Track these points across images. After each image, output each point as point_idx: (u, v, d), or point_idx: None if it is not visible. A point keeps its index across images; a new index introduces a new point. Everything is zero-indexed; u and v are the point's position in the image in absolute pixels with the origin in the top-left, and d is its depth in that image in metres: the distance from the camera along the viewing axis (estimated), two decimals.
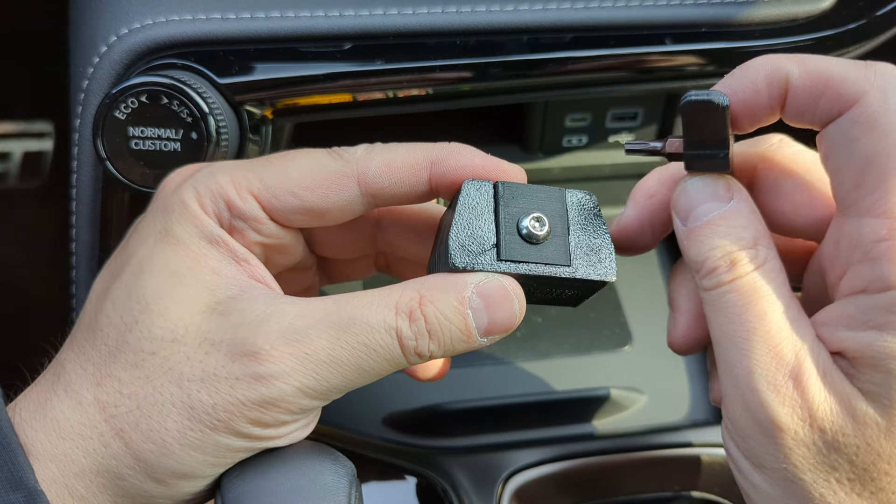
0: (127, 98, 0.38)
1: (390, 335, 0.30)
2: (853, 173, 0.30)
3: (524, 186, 0.34)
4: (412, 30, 0.42)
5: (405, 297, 0.31)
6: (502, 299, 0.32)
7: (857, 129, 0.30)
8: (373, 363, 0.31)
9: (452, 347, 0.32)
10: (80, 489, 0.30)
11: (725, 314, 0.32)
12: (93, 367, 0.31)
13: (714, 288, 0.32)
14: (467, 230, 0.32)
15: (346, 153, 0.34)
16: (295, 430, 0.32)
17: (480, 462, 0.46)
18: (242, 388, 0.30)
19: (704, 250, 0.32)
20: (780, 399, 0.30)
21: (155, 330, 0.31)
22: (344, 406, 0.48)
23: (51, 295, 0.52)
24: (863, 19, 0.45)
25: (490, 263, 0.32)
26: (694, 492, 0.47)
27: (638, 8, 0.43)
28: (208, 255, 0.32)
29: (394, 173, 0.34)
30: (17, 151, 0.60)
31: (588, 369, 0.51)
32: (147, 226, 0.34)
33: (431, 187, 0.34)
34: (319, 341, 0.30)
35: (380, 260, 0.42)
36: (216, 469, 0.31)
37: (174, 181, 0.35)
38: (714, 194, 0.33)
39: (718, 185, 0.33)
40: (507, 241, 0.32)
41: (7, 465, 0.29)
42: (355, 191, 0.33)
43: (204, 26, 0.41)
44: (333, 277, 0.43)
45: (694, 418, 0.50)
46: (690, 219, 0.33)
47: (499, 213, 0.33)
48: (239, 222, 0.33)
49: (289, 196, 0.33)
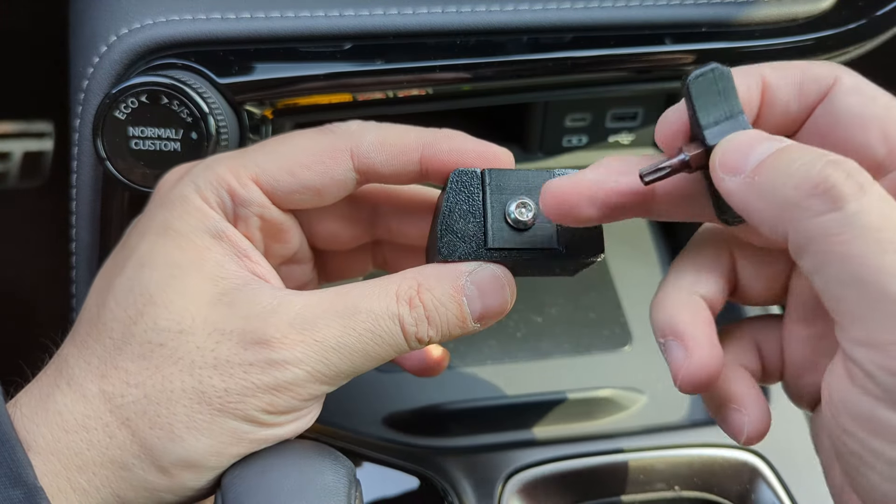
0: (127, 98, 0.38)
1: (394, 322, 0.32)
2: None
3: (511, 172, 0.34)
4: (412, 30, 0.42)
5: (404, 286, 0.32)
6: (494, 287, 0.33)
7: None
8: (378, 349, 0.32)
9: (449, 332, 0.33)
10: (83, 483, 0.30)
11: (863, 243, 0.24)
12: (97, 361, 0.31)
13: (839, 209, 0.24)
14: (455, 220, 0.33)
15: (339, 128, 0.35)
16: (300, 419, 0.33)
17: (480, 462, 0.46)
18: (257, 373, 0.30)
19: (796, 174, 0.25)
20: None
21: (161, 322, 0.31)
22: (344, 406, 0.48)
23: (51, 294, 0.52)
24: (863, 19, 0.45)
25: (478, 253, 0.33)
26: (694, 492, 0.47)
27: (638, 8, 0.43)
28: (211, 248, 0.33)
29: (386, 150, 0.35)
30: (17, 151, 0.60)
31: (588, 369, 0.51)
32: (146, 222, 0.34)
33: (422, 169, 0.35)
34: (328, 329, 0.31)
35: (377, 256, 0.43)
36: (220, 460, 0.31)
37: (171, 179, 0.36)
38: (761, 138, 0.28)
39: (759, 133, 0.28)
40: (494, 228, 0.33)
41: (6, 461, 0.29)
42: (349, 164, 0.34)
43: (204, 26, 0.41)
44: (331, 275, 0.43)
45: (694, 418, 0.50)
46: (752, 159, 0.27)
47: (486, 202, 0.33)
48: (242, 209, 0.34)
49: (287, 176, 0.34)
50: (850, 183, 0.24)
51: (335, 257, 0.42)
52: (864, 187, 0.24)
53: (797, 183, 0.25)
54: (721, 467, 0.47)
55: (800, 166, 0.25)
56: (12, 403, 0.32)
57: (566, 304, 0.54)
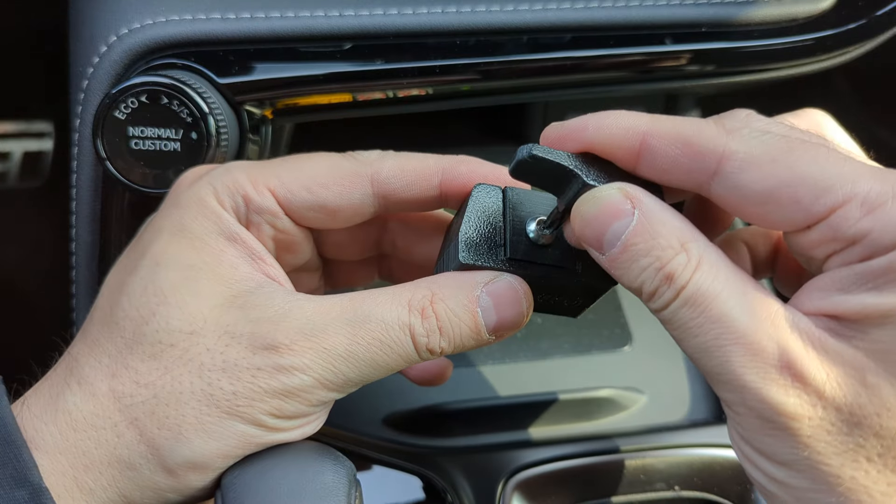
0: (127, 98, 0.38)
1: (404, 332, 0.31)
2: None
3: (531, 192, 0.35)
4: (412, 30, 0.42)
5: (417, 295, 0.32)
6: (511, 298, 0.33)
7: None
8: (387, 358, 0.32)
9: (462, 344, 0.33)
10: (89, 482, 0.30)
11: (687, 330, 0.29)
12: (108, 360, 0.31)
13: (664, 308, 0.29)
14: (476, 229, 0.33)
15: (360, 156, 0.36)
16: (307, 425, 0.33)
17: (480, 462, 0.46)
18: (265, 378, 0.31)
19: (635, 276, 0.30)
20: (782, 391, 0.28)
21: (173, 322, 0.31)
22: (344, 406, 0.48)
23: (51, 294, 0.52)
24: (863, 19, 0.45)
25: (497, 262, 0.33)
26: (694, 492, 0.47)
27: (638, 8, 0.43)
28: (225, 250, 0.33)
29: (406, 175, 0.35)
30: (17, 151, 0.60)
31: (588, 369, 0.51)
32: (161, 222, 0.34)
33: (441, 192, 0.35)
34: (337, 337, 0.31)
35: (383, 267, 0.43)
36: (226, 461, 0.31)
37: (188, 180, 0.36)
38: (614, 212, 0.30)
39: (613, 199, 0.30)
40: (514, 241, 0.33)
41: (12, 461, 0.29)
42: (368, 190, 0.35)
43: (204, 26, 0.41)
44: (337, 282, 0.43)
45: (694, 418, 0.50)
46: (605, 248, 0.30)
47: (506, 216, 0.34)
48: (255, 216, 0.34)
49: (304, 192, 0.34)
50: (670, 292, 0.29)
51: (342, 266, 0.42)
52: (673, 282, 0.29)
53: (637, 286, 0.30)
54: (721, 467, 0.47)
55: (644, 267, 0.29)
56: (20, 402, 0.32)
57: None
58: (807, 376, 0.27)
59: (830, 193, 0.28)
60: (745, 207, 0.29)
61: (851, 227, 0.27)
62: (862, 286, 0.27)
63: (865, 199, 0.27)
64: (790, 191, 0.28)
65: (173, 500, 0.32)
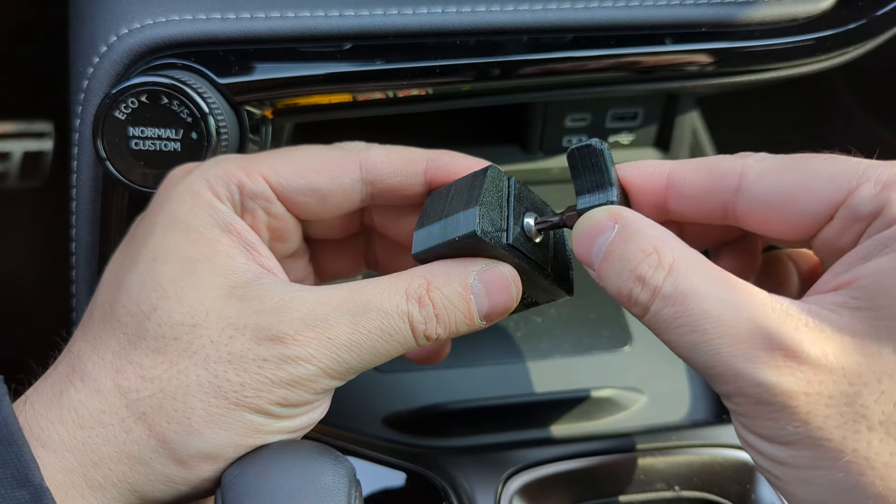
0: (127, 98, 0.38)
1: (403, 320, 0.33)
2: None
3: (529, 190, 0.37)
4: (412, 30, 0.42)
5: (414, 284, 0.33)
6: (501, 285, 0.34)
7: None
8: (387, 345, 0.33)
9: (457, 329, 0.34)
10: (99, 479, 0.30)
11: (673, 331, 0.30)
12: (111, 356, 0.32)
13: (644, 313, 0.31)
14: (489, 206, 0.34)
15: (348, 145, 0.38)
16: (312, 412, 0.34)
17: (480, 462, 0.46)
18: (271, 368, 0.31)
19: (614, 283, 0.32)
20: (775, 371, 0.28)
21: (175, 316, 0.31)
22: (344, 406, 0.48)
23: (51, 294, 0.52)
24: (863, 19, 0.45)
25: (498, 244, 0.34)
26: (694, 492, 0.47)
27: (638, 8, 0.43)
28: (221, 240, 0.33)
29: (393, 162, 0.37)
30: (17, 151, 0.60)
31: (588, 369, 0.51)
32: (154, 218, 0.34)
33: (427, 179, 0.37)
34: (339, 327, 0.32)
35: (370, 257, 0.44)
36: (237, 451, 0.32)
37: (177, 175, 0.37)
38: (600, 228, 0.32)
39: (600, 216, 0.33)
40: (514, 230, 0.35)
41: (13, 461, 0.29)
42: (357, 175, 0.36)
43: (204, 26, 0.41)
44: (324, 273, 0.44)
45: (694, 418, 0.50)
46: (593, 261, 0.33)
47: (510, 204, 0.35)
48: (250, 202, 0.35)
49: (296, 177, 0.36)
50: (644, 293, 0.30)
51: (327, 253, 0.43)
52: (647, 284, 0.30)
53: (617, 294, 0.32)
54: (721, 467, 0.47)
55: (619, 272, 0.31)
56: (22, 400, 0.32)
57: (566, 305, 0.54)
58: (800, 353, 0.28)
59: (844, 179, 0.30)
60: (769, 216, 0.32)
61: (870, 203, 0.30)
62: (881, 252, 0.29)
63: (878, 178, 0.30)
64: (807, 185, 0.31)
65: (184, 492, 0.32)
